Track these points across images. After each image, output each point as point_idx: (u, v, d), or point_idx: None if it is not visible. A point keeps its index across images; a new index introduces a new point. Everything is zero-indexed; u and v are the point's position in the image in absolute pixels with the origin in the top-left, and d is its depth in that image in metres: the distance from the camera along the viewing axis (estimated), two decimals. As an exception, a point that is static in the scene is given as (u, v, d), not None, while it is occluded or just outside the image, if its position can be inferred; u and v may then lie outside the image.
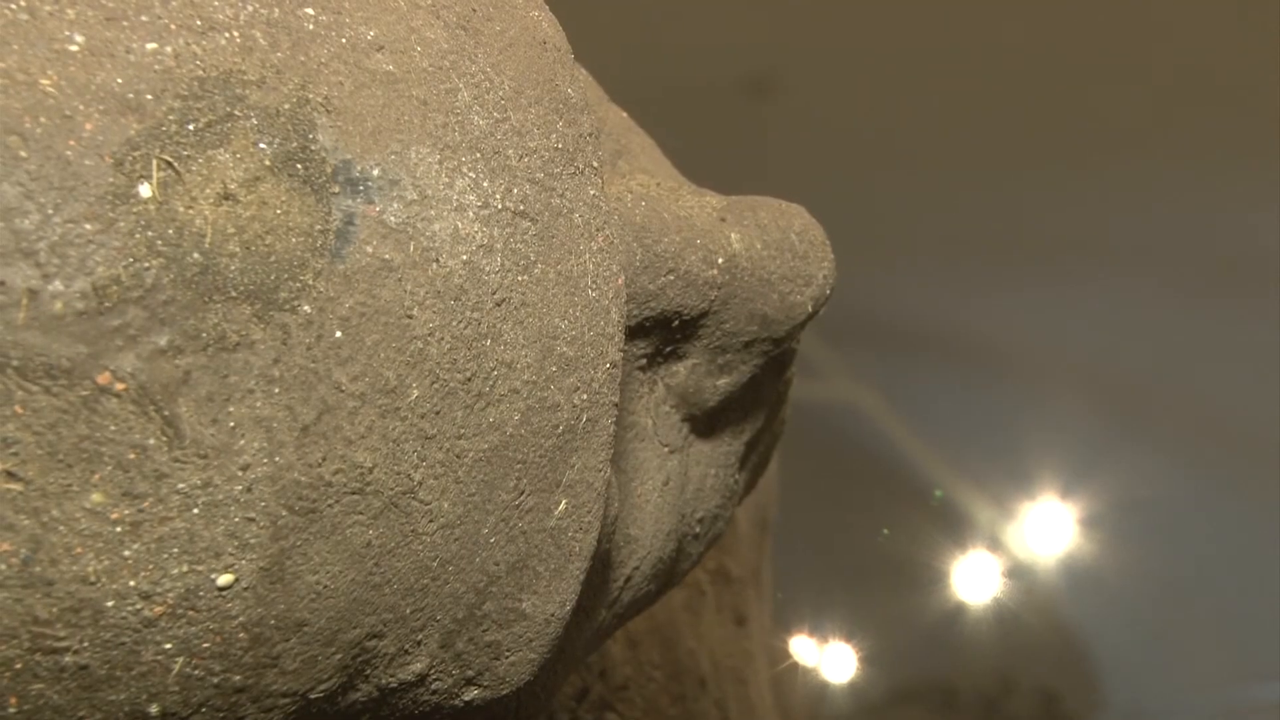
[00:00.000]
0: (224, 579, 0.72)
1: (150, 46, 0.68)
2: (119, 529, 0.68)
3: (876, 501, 5.87)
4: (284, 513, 0.72)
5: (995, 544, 6.03)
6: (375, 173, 0.74)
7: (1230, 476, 5.88)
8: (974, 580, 5.97)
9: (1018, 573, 6.06)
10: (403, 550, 0.78)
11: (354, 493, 0.75)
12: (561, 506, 0.87)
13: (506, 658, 0.90)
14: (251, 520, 0.71)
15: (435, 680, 0.87)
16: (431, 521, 0.79)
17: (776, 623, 2.49)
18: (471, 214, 0.78)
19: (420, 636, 0.83)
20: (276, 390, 0.71)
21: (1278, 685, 6.42)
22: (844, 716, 5.39)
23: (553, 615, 0.90)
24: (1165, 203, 4.77)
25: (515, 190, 0.81)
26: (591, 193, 0.87)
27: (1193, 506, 6.00)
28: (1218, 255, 4.95)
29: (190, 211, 0.68)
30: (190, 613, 0.71)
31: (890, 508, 5.84)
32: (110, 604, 0.69)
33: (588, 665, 1.65)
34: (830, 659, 5.47)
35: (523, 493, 0.84)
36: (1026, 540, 6.02)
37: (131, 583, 0.69)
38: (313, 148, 0.72)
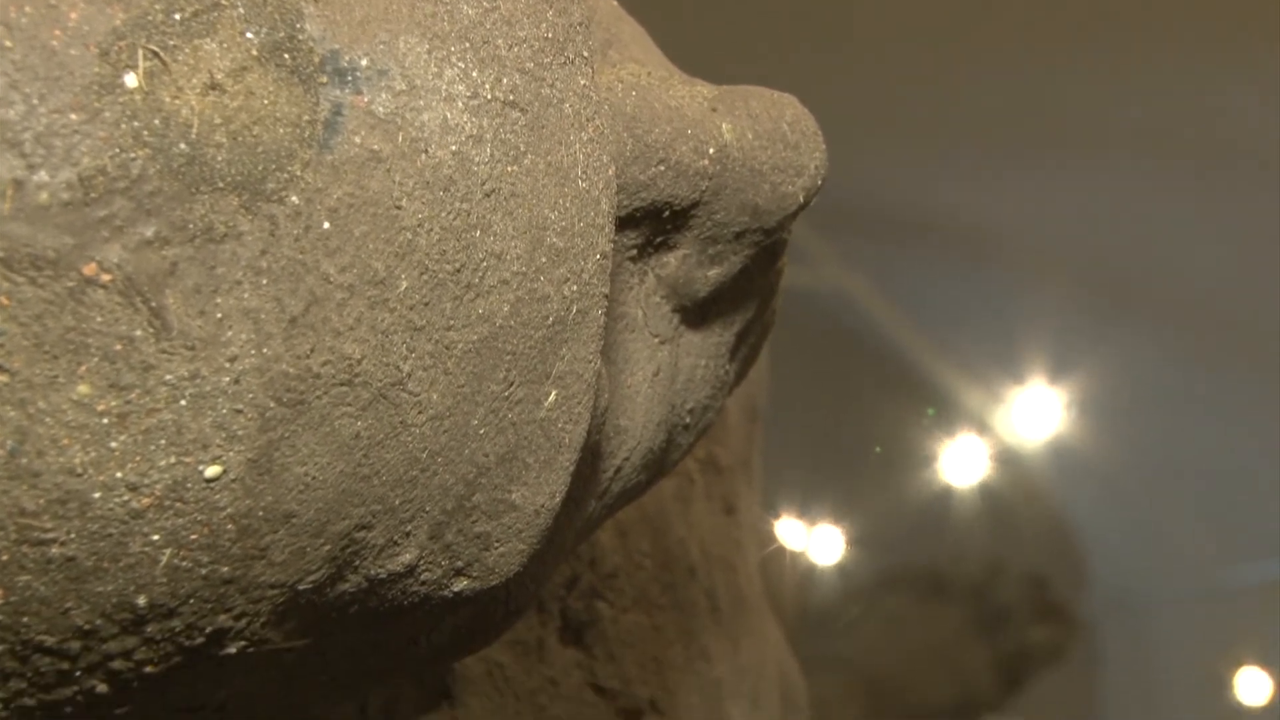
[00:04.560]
0: (212, 470, 0.72)
1: (135, -67, 0.68)
2: (106, 421, 0.68)
3: (866, 387, 5.89)
4: (272, 404, 0.72)
5: (983, 428, 6.06)
6: (363, 63, 0.73)
7: (1218, 361, 5.91)
8: (962, 465, 6.00)
9: (1006, 457, 6.09)
10: (391, 442, 0.78)
11: (342, 384, 0.75)
12: (551, 398, 0.87)
13: (496, 549, 0.90)
14: (239, 412, 0.71)
15: (424, 571, 0.88)
16: (420, 413, 0.79)
17: (765, 508, 2.50)
18: (460, 104, 0.77)
19: (409, 528, 0.83)
20: (264, 282, 0.70)
21: (1263, 566, 6.47)
22: (832, 600, 5.43)
23: (542, 506, 0.91)
24: (1156, 88, 4.76)
25: (505, 80, 0.80)
26: (582, 83, 0.87)
27: (1180, 391, 6.03)
28: (1209, 141, 4.94)
29: (176, 102, 0.68)
30: (178, 504, 0.71)
31: (879, 393, 5.85)
32: (97, 495, 0.69)
33: (577, 554, 1.66)
34: (818, 542, 5.50)
35: (512, 384, 0.84)
36: (1015, 425, 6.05)
37: (119, 474, 0.69)
38: (300, 37, 0.71)
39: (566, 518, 1.03)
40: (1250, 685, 6.62)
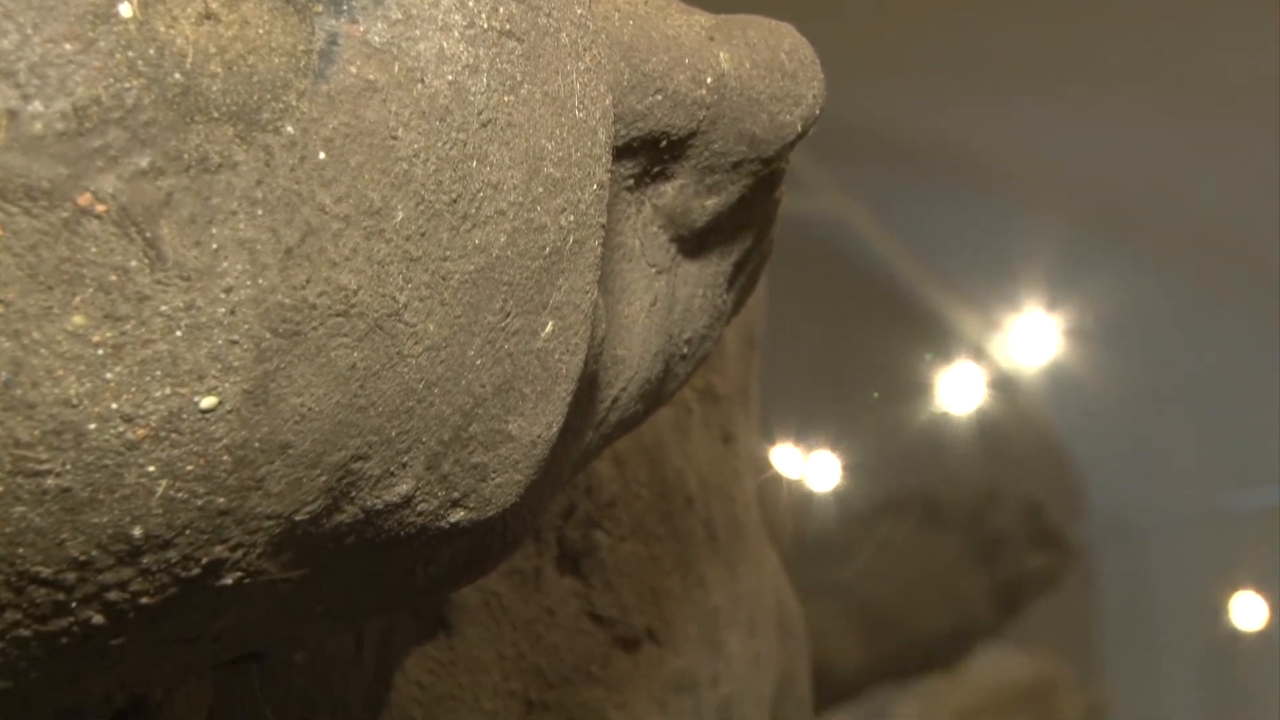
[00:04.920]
0: (207, 401, 0.72)
1: None
2: (101, 352, 0.68)
3: (863, 315, 5.89)
4: (267, 335, 0.72)
5: (980, 355, 6.06)
6: (358, -9, 0.73)
7: (1215, 286, 5.91)
8: (959, 391, 6.01)
9: (1002, 384, 6.09)
10: (388, 372, 0.78)
11: (338, 315, 0.74)
12: (548, 328, 0.87)
13: (493, 479, 0.90)
14: (235, 343, 0.71)
15: (421, 502, 0.87)
16: (417, 344, 0.79)
17: (762, 435, 2.50)
18: (457, 33, 0.77)
19: (406, 459, 0.83)
20: (260, 212, 0.70)
21: (1259, 492, 6.49)
22: (829, 528, 5.44)
23: (539, 437, 0.90)
24: (1157, 17, 4.74)
25: (501, 9, 0.79)
26: (579, 11, 0.86)
27: (1177, 317, 6.04)
28: (1208, 70, 4.93)
29: (171, 31, 0.67)
30: (173, 435, 0.71)
31: (877, 321, 5.86)
32: (92, 426, 0.69)
33: (574, 484, 1.66)
34: (815, 469, 5.51)
35: (509, 315, 0.84)
36: (1012, 351, 6.05)
37: (114, 405, 0.69)
38: (295, -34, 0.71)
39: (563, 448, 1.03)
40: (1246, 610, 6.66)
